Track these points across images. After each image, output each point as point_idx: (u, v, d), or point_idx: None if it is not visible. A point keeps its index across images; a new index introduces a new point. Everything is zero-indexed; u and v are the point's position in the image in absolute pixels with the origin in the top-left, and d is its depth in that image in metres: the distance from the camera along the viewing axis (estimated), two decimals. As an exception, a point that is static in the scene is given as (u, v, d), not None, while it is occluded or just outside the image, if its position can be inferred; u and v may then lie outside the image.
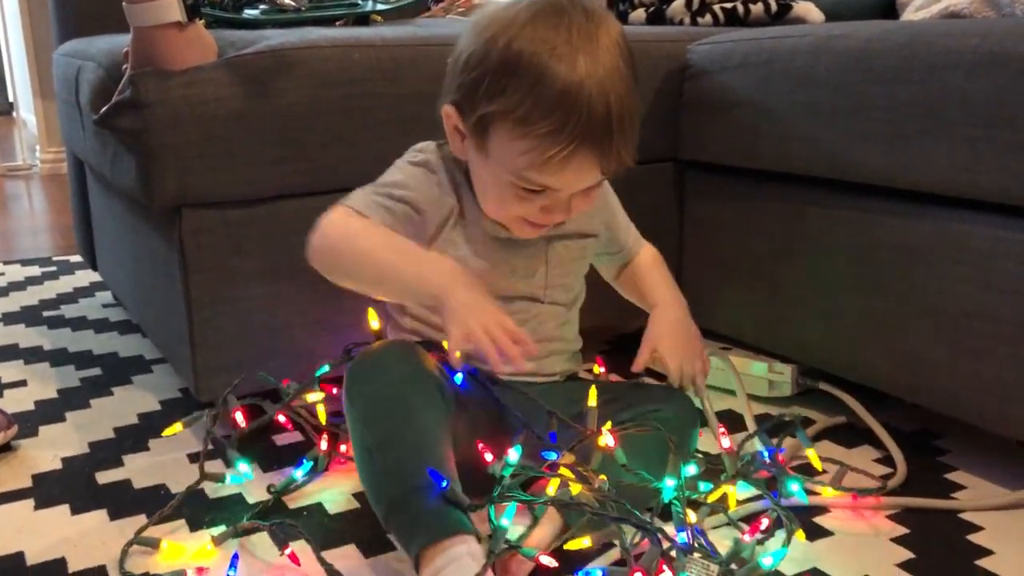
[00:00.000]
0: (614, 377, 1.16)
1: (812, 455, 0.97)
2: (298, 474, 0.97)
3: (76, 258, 2.06)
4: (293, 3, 1.21)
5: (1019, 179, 0.87)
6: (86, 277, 1.89)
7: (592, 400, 0.89)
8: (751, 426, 1.07)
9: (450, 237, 0.90)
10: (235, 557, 0.81)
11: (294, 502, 0.95)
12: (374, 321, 0.96)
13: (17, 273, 1.95)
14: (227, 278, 1.03)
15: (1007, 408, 0.93)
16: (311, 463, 0.99)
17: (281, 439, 1.10)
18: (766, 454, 0.99)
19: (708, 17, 1.43)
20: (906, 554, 0.84)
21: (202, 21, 1.02)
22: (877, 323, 1.04)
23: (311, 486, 0.98)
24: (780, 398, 1.18)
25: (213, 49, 1.02)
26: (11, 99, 5.11)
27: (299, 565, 0.81)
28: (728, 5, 1.43)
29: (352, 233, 0.85)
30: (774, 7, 1.42)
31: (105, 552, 0.86)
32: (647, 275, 1.04)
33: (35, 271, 1.97)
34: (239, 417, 0.97)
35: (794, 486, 0.91)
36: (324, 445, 1.01)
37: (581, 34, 0.79)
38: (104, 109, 1.00)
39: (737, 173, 1.21)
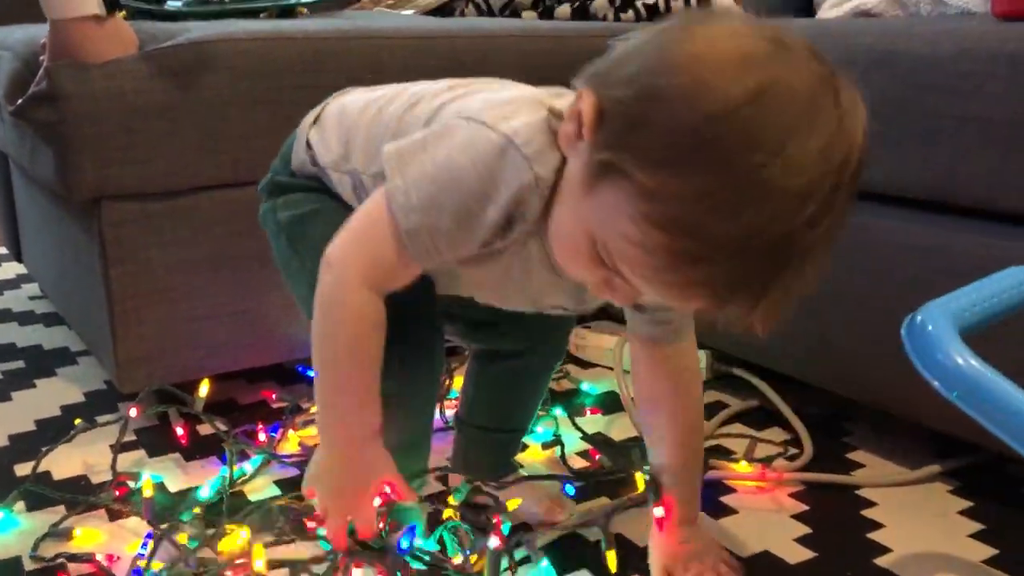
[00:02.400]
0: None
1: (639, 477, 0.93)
2: (247, 467, 0.99)
3: (2, 250, 2.02)
4: (217, -6, 1.21)
5: (907, 171, 0.91)
6: (12, 269, 1.86)
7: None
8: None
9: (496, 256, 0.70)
10: (148, 536, 0.82)
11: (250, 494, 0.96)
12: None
13: (-61, 266, 1.92)
14: (148, 270, 1.04)
15: (905, 392, 0.98)
16: (261, 456, 1.00)
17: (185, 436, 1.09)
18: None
19: (631, 13, 1.47)
20: (804, 529, 0.89)
21: (122, 13, 1.02)
22: (799, 310, 1.08)
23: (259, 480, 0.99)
24: (696, 383, 1.23)
25: (133, 42, 1.02)
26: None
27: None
28: (650, 1, 1.47)
29: (344, 339, 0.69)
30: (694, 2, 1.46)
31: (21, 543, 0.86)
32: (692, 462, 0.82)
33: (-42, 263, 1.94)
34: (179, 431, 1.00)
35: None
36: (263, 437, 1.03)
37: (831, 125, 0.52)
38: (20, 101, 1.00)
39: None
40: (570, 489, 0.91)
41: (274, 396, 1.15)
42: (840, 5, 1.48)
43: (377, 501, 0.71)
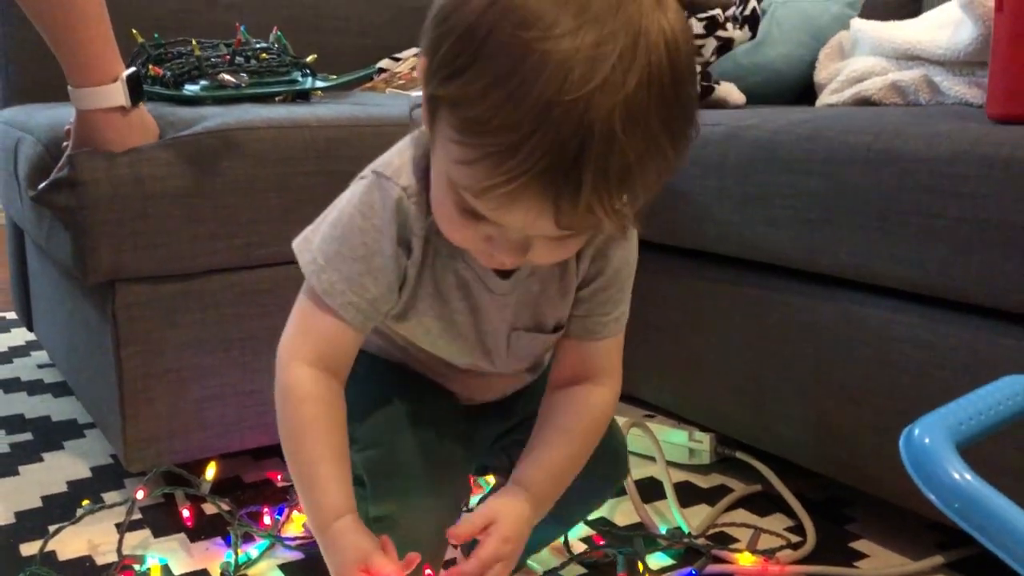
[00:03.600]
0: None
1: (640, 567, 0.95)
2: (253, 552, 0.99)
3: (12, 315, 2.04)
4: (233, 80, 1.25)
5: (907, 267, 0.93)
6: (22, 336, 1.88)
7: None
8: (670, 494, 1.11)
9: (418, 283, 0.72)
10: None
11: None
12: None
13: (-50, 331, 1.94)
14: (159, 350, 1.05)
15: (907, 482, 0.98)
16: (267, 541, 1.00)
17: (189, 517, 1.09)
18: (684, 526, 1.04)
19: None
20: (807, 623, 0.89)
21: (143, 104, 1.05)
22: (788, 397, 1.10)
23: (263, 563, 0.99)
24: (700, 465, 1.23)
25: (154, 132, 1.05)
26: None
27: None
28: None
29: (297, 423, 0.70)
30: (697, 88, 1.49)
31: (26, 628, 0.87)
32: (557, 443, 0.75)
33: (-31, 329, 1.96)
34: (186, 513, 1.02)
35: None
36: (268, 520, 1.04)
37: (609, 13, 0.52)
38: (41, 186, 1.03)
39: (658, 248, 1.27)
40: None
41: (279, 477, 1.16)
42: (840, 91, 1.52)
43: None
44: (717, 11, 1.66)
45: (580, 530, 1.05)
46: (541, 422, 0.76)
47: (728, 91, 1.51)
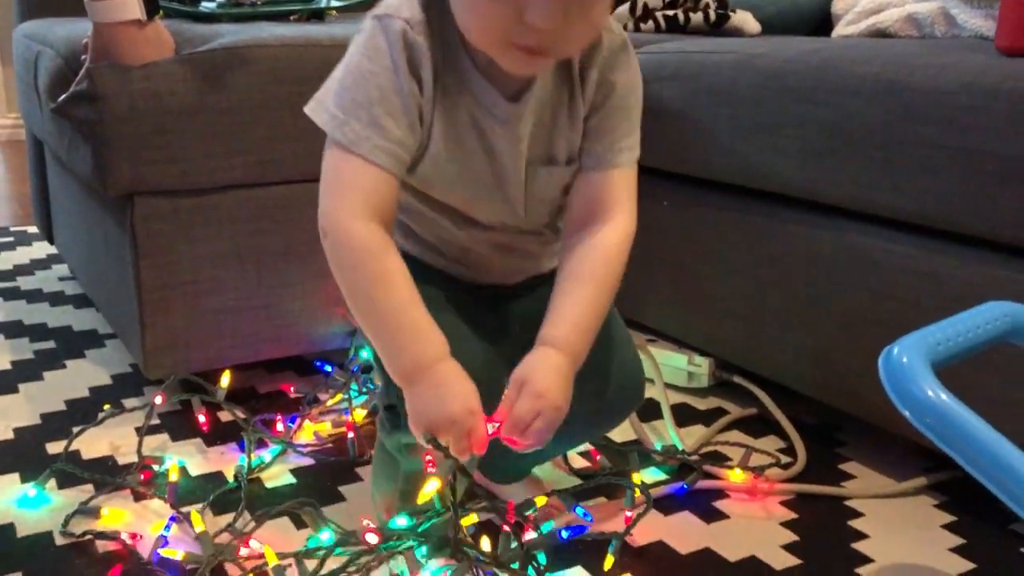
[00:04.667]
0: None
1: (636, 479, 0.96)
2: (266, 457, 1.04)
3: (34, 229, 2.09)
4: (249, -3, 1.26)
5: (907, 198, 0.95)
6: (43, 249, 1.93)
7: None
8: (667, 414, 1.15)
9: (432, 122, 0.72)
10: (172, 519, 0.87)
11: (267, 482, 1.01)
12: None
13: (-27, 243, 1.99)
14: (176, 263, 1.09)
15: (895, 407, 1.01)
16: (279, 447, 1.05)
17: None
18: (678, 443, 1.08)
19: (650, 23, 1.50)
20: (792, 536, 0.93)
21: (160, 15, 1.06)
22: (785, 323, 1.12)
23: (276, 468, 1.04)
24: (698, 388, 1.27)
25: (170, 46, 1.07)
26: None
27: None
28: (669, 13, 1.50)
29: (367, 279, 0.69)
30: (712, 16, 1.49)
31: (52, 519, 0.92)
32: (576, 288, 0.75)
33: (-9, 241, 2.00)
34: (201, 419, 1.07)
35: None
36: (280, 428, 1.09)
37: None
38: (61, 99, 1.05)
39: (667, 176, 1.28)
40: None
41: (292, 388, 1.20)
42: (856, 23, 1.51)
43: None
44: (737, -63, 1.64)
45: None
46: (561, 276, 0.76)
47: (744, 19, 1.51)
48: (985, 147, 0.88)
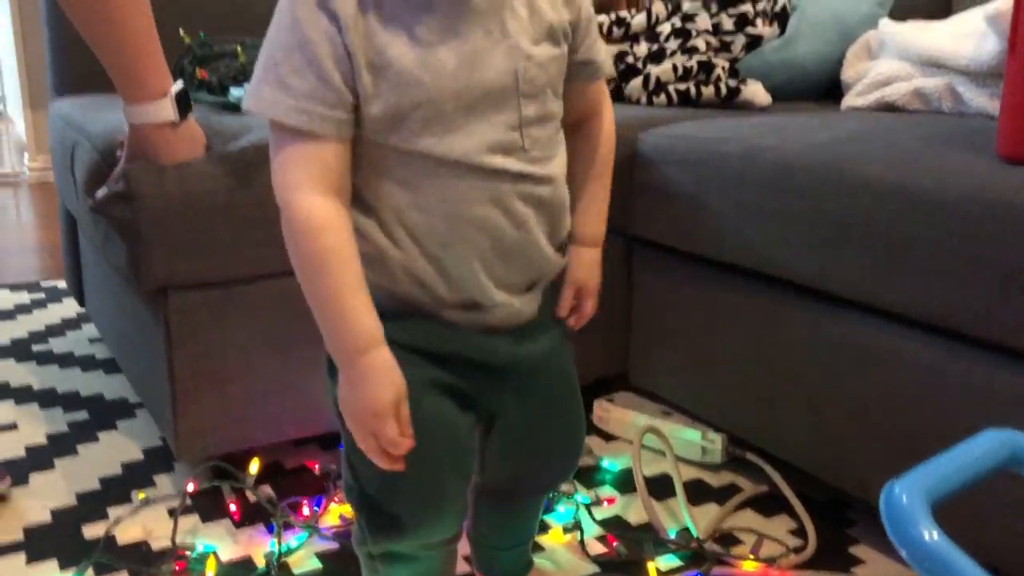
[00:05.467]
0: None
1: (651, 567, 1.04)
2: (293, 542, 1.08)
3: (63, 283, 2.15)
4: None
5: (914, 297, 0.98)
6: (73, 307, 1.98)
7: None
8: (680, 494, 1.19)
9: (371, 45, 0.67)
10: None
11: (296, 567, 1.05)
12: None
13: (7, 300, 2.04)
14: (208, 351, 1.13)
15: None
16: (306, 533, 1.09)
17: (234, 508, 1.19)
18: (692, 528, 1.11)
19: (663, 97, 1.54)
20: (802, 627, 0.96)
21: (191, 114, 1.11)
22: (795, 405, 1.15)
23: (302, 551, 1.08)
24: (711, 464, 1.30)
25: (202, 142, 1.11)
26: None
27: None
28: (682, 87, 1.54)
29: (307, 259, 0.69)
30: (724, 90, 1.53)
31: (92, 610, 0.96)
32: (590, 183, 0.84)
33: (24, 298, 2.06)
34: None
35: None
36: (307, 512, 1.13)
37: None
38: (98, 198, 1.10)
39: (679, 253, 1.32)
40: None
41: (317, 466, 1.24)
42: (865, 94, 1.55)
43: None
44: (748, 6, 1.69)
45: (594, 530, 1.13)
46: (577, 175, 0.83)
47: (754, 92, 1.54)
48: (986, 254, 0.91)
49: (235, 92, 1.31)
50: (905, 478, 0.65)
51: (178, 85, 1.08)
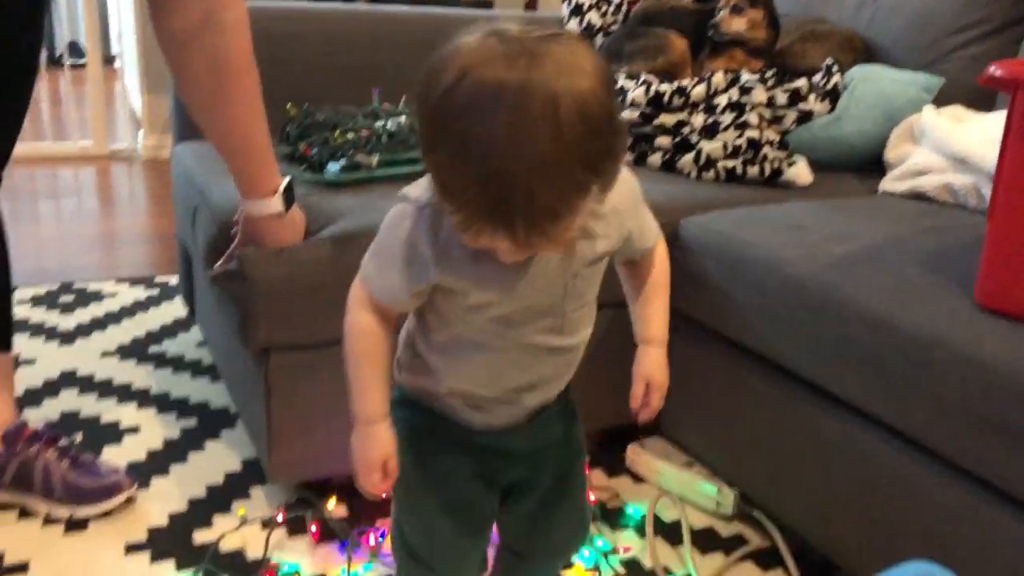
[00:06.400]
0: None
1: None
2: (360, 570, 1.31)
3: (175, 279, 2.41)
4: (366, 161, 1.51)
5: (904, 418, 1.13)
6: (183, 307, 2.24)
7: None
8: (686, 537, 1.38)
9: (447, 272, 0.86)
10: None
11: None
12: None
13: (126, 295, 2.32)
14: (300, 402, 1.36)
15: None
16: (370, 565, 1.32)
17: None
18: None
19: (712, 173, 1.70)
20: None
21: (294, 205, 1.33)
22: (798, 479, 1.33)
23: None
24: (723, 515, 1.49)
25: (301, 227, 1.33)
26: (113, 51, 5.46)
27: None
28: (729, 164, 1.69)
29: (350, 351, 0.94)
30: (768, 171, 1.67)
31: (202, 613, 1.22)
32: (651, 299, 1.01)
33: (140, 294, 2.34)
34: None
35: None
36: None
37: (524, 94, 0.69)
38: (216, 273, 1.33)
39: (711, 331, 1.49)
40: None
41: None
42: (901, 180, 1.68)
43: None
44: (802, 82, 1.82)
45: (611, 573, 1.33)
46: (634, 290, 1.02)
47: (797, 173, 1.69)
48: (949, 397, 1.06)
49: (331, 168, 1.52)
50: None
51: (286, 180, 1.29)
